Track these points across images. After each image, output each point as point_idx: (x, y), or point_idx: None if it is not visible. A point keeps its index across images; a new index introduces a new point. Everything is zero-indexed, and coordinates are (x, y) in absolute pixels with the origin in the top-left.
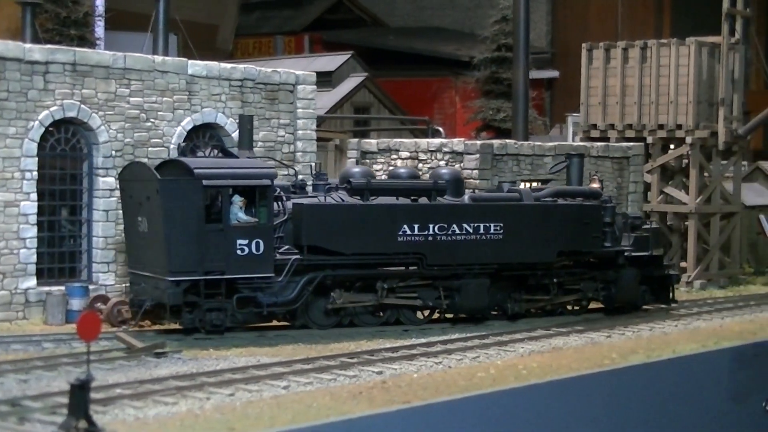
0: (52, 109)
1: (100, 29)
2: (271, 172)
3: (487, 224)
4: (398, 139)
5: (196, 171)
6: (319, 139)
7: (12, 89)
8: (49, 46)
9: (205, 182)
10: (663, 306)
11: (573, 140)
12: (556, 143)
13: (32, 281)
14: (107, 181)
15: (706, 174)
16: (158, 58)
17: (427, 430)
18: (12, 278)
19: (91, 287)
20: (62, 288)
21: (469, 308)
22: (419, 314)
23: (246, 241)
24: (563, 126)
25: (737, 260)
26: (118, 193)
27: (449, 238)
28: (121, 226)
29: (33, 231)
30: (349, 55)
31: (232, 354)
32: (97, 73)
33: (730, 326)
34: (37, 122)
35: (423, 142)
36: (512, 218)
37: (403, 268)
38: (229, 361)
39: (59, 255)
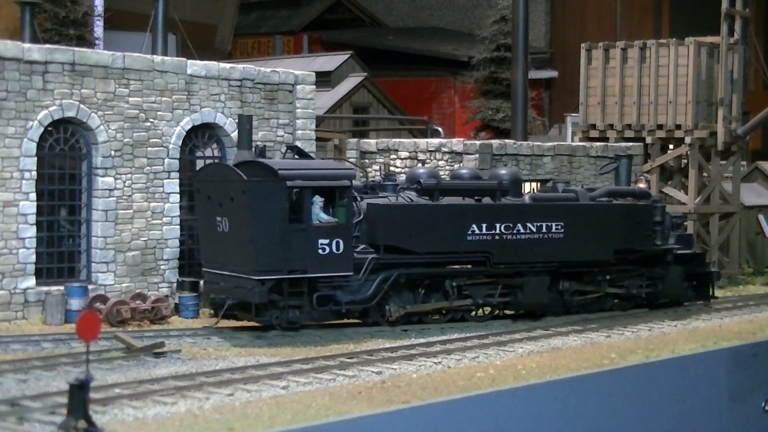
0: (51, 108)
1: (98, 29)
2: (351, 172)
3: (549, 223)
4: (397, 139)
5: (280, 172)
6: (318, 139)
7: (11, 89)
8: (47, 45)
9: (288, 183)
10: (703, 302)
11: (572, 140)
12: (555, 143)
13: (31, 281)
14: (106, 181)
15: (705, 174)
16: (157, 58)
17: (426, 430)
18: (11, 278)
19: (90, 287)
20: (61, 288)
21: (532, 305)
22: (480, 311)
23: (327, 241)
24: (562, 126)
25: (736, 260)
26: (117, 192)
27: (514, 237)
28: (121, 226)
29: (32, 231)
30: (348, 55)
31: (231, 354)
32: (96, 73)
33: (728, 326)
34: (36, 122)
35: (422, 142)
36: (572, 218)
37: (469, 266)
38: (228, 361)
39: (58, 255)
